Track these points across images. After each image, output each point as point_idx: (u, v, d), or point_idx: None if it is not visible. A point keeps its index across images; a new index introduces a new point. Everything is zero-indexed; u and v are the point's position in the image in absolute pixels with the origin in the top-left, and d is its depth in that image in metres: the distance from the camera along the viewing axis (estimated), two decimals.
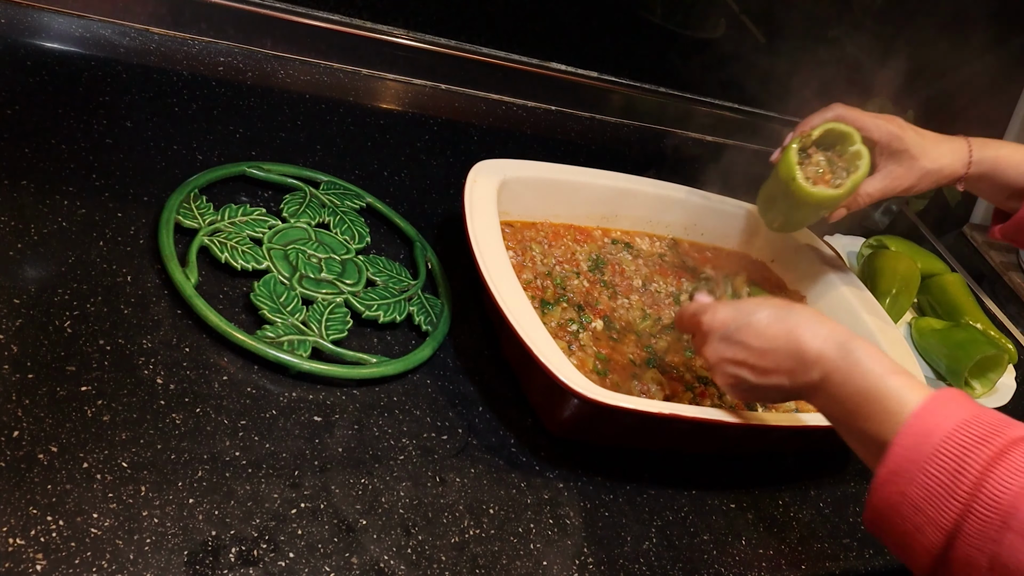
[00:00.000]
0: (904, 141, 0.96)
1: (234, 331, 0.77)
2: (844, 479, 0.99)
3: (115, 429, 0.68)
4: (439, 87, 1.23)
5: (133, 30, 1.04)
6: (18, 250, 0.76)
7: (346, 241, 0.92)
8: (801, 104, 1.11)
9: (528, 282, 0.95)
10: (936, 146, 0.97)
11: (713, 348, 0.77)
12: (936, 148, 0.97)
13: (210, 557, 0.64)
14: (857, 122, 0.96)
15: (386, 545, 0.70)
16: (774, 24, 1.37)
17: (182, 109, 0.99)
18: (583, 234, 1.06)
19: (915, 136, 0.96)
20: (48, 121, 0.89)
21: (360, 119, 1.11)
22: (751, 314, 0.75)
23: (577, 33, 1.31)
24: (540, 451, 0.83)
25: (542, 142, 1.26)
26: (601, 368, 0.90)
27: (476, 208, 0.89)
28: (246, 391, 0.75)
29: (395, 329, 0.87)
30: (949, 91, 1.53)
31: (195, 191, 0.88)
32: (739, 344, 0.74)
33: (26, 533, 0.60)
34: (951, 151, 0.97)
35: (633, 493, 0.84)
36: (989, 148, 0.97)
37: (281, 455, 0.72)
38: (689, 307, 0.82)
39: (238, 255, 0.84)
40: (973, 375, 1.16)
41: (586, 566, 0.76)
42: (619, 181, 1.07)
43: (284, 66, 1.12)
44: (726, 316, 0.77)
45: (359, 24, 1.16)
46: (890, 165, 0.97)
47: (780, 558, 0.86)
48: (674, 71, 1.35)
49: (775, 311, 0.74)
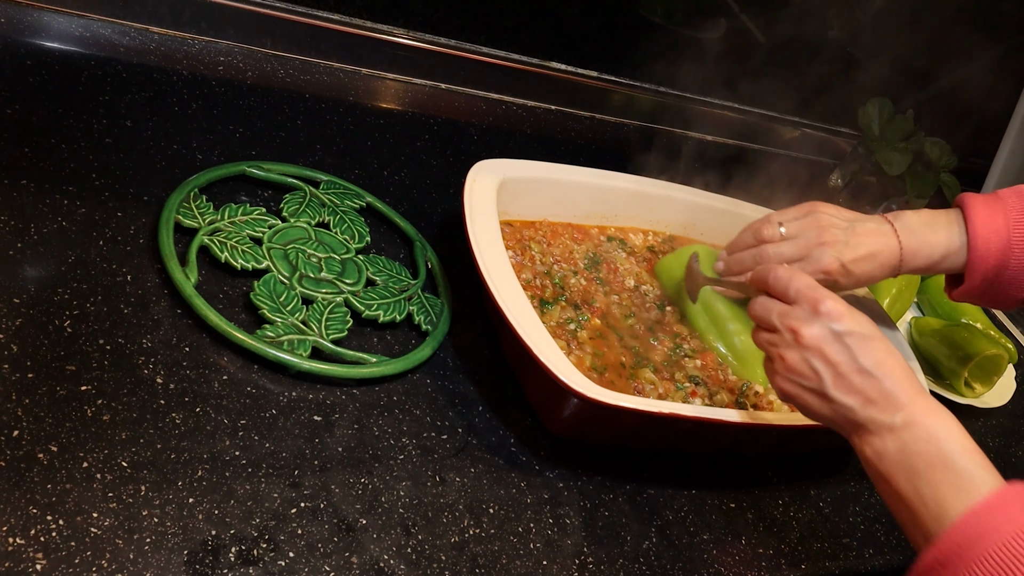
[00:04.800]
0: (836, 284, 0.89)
1: (234, 331, 0.77)
2: (844, 479, 0.99)
3: (115, 428, 0.68)
4: (439, 87, 1.23)
5: (133, 30, 1.04)
6: (18, 250, 0.76)
7: (346, 241, 0.92)
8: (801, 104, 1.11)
9: (527, 281, 0.95)
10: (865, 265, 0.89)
11: (817, 332, 0.70)
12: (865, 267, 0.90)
13: (210, 556, 0.64)
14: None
15: (386, 545, 0.70)
16: (774, 24, 1.37)
17: (182, 109, 0.99)
18: (581, 233, 1.06)
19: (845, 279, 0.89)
20: (48, 121, 0.89)
21: (360, 119, 1.11)
22: (869, 328, 0.70)
23: (577, 33, 1.31)
24: (540, 451, 0.83)
25: (542, 142, 1.26)
26: (600, 366, 0.90)
27: (476, 208, 0.89)
28: (246, 391, 0.75)
29: (395, 329, 0.87)
30: (949, 91, 1.53)
31: (195, 191, 0.88)
32: (844, 347, 0.69)
33: (26, 532, 0.60)
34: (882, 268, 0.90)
35: (633, 493, 0.84)
36: (912, 239, 0.90)
37: (281, 454, 0.72)
38: (799, 275, 0.74)
39: (238, 254, 0.84)
40: (973, 375, 1.16)
41: (586, 566, 0.76)
42: (619, 181, 1.07)
43: (284, 66, 1.12)
44: (844, 312, 0.71)
45: (359, 24, 1.16)
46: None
47: (780, 558, 0.86)
48: (674, 71, 1.35)
49: (888, 343, 0.70)
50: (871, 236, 0.89)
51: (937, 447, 0.65)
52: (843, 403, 0.69)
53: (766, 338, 0.75)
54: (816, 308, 0.71)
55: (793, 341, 0.72)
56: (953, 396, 1.14)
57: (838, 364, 0.69)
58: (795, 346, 0.71)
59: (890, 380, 0.68)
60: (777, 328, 0.73)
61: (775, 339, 0.74)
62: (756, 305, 0.76)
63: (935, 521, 0.62)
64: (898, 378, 0.68)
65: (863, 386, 0.68)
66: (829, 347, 0.70)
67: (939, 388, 1.14)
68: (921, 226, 0.90)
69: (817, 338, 0.70)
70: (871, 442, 0.68)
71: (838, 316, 0.70)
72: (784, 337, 0.72)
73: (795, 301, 0.73)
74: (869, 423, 0.68)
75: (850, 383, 0.69)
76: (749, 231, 0.94)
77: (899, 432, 0.66)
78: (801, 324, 0.71)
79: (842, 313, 0.70)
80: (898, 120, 1.38)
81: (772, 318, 0.74)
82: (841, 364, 0.69)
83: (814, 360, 0.70)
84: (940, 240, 0.90)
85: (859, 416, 0.69)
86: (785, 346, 0.72)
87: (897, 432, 0.66)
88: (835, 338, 0.70)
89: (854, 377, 0.69)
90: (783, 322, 0.73)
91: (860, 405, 0.68)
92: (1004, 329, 1.37)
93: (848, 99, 1.41)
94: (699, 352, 0.97)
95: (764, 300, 0.75)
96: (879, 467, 0.67)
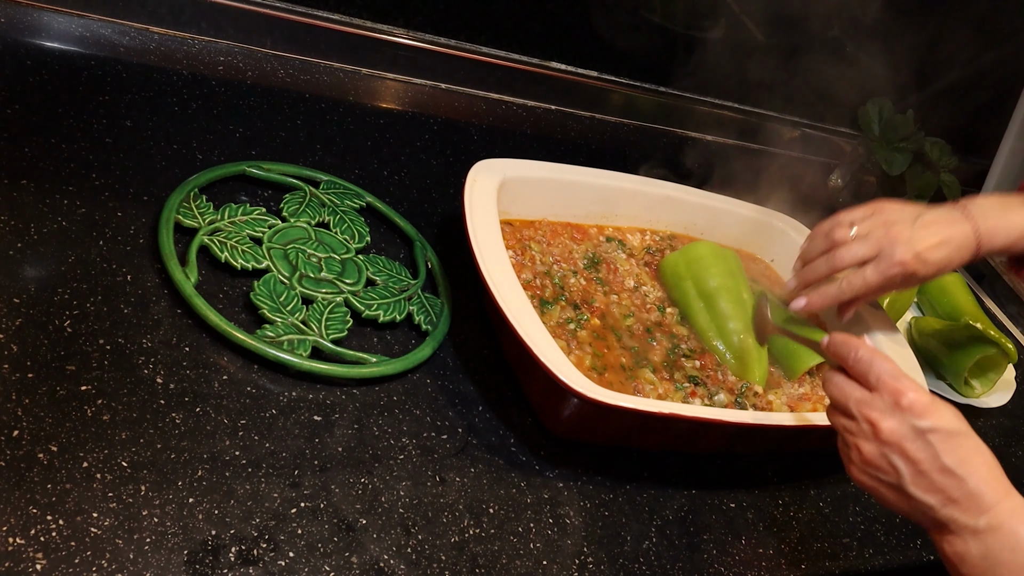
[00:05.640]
0: (915, 276, 0.88)
1: (234, 330, 0.77)
2: (844, 479, 0.99)
3: (115, 428, 0.68)
4: (439, 87, 1.23)
5: (133, 29, 1.04)
6: (18, 250, 0.76)
7: (346, 240, 0.92)
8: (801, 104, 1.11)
9: (527, 281, 0.95)
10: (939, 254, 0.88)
11: (897, 428, 0.67)
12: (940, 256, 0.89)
13: (210, 556, 0.64)
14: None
15: (386, 544, 0.70)
16: (774, 24, 1.37)
17: (182, 108, 0.99)
18: (581, 232, 1.06)
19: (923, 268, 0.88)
20: (48, 121, 0.89)
21: (360, 119, 1.11)
22: (954, 423, 0.67)
23: (577, 33, 1.31)
24: (540, 451, 0.83)
25: (542, 142, 1.26)
26: (599, 367, 0.90)
27: (476, 207, 0.89)
28: (246, 390, 0.75)
29: (395, 328, 0.87)
30: (949, 91, 1.53)
31: (195, 190, 0.88)
32: (926, 444, 0.66)
33: (26, 532, 0.60)
34: (959, 250, 0.88)
35: (633, 493, 0.84)
36: (989, 220, 0.89)
37: (281, 454, 0.72)
38: (881, 358, 0.70)
39: (238, 254, 0.84)
40: (973, 375, 1.16)
41: (586, 566, 0.76)
42: (619, 181, 1.07)
43: (284, 65, 1.12)
44: (928, 406, 0.67)
45: (359, 24, 1.16)
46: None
47: (780, 558, 0.86)
48: (674, 71, 1.35)
49: (976, 440, 0.67)
50: (941, 224, 0.88)
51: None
52: (923, 501, 0.66)
53: (843, 423, 0.71)
54: (898, 401, 0.67)
55: (871, 434, 0.68)
56: (953, 396, 1.14)
57: (919, 462, 0.66)
58: (873, 439, 0.68)
59: (975, 479, 0.65)
60: (855, 416, 0.69)
61: (852, 427, 0.70)
62: (832, 387, 0.72)
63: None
64: (984, 478, 0.65)
65: (945, 485, 0.65)
66: (910, 444, 0.66)
67: (939, 388, 1.15)
68: (996, 208, 0.90)
69: (897, 434, 0.66)
70: (952, 542, 0.65)
71: (921, 411, 0.66)
72: (862, 427, 0.69)
73: (875, 389, 0.69)
74: (951, 523, 0.65)
75: (931, 481, 0.66)
76: (820, 236, 0.93)
77: (983, 536, 0.64)
78: (881, 417, 0.67)
79: (926, 407, 0.66)
80: (898, 120, 1.38)
81: (849, 404, 0.70)
82: (922, 462, 0.66)
83: (893, 456, 0.67)
84: (1019, 220, 0.89)
85: (940, 515, 0.66)
86: (863, 437, 0.69)
87: (981, 536, 0.64)
88: (916, 435, 0.66)
89: (935, 476, 0.65)
90: (861, 411, 0.69)
91: (941, 504, 0.65)
92: (1004, 329, 1.37)
93: (848, 99, 1.41)
94: (698, 352, 0.97)
95: (842, 382, 0.71)
96: (960, 569, 0.65)
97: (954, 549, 0.65)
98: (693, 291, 1.00)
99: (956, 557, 0.65)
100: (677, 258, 1.04)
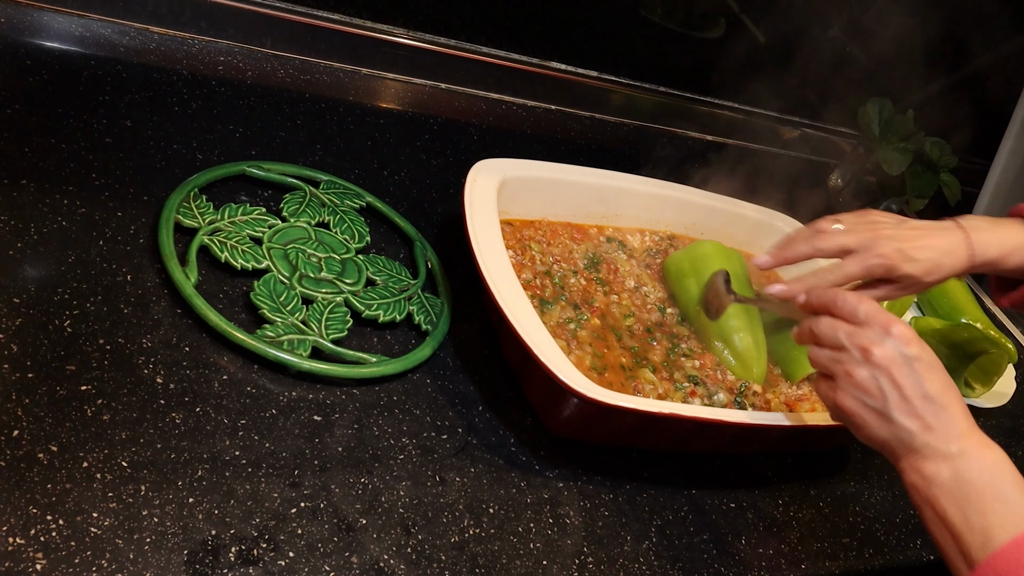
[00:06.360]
0: (898, 272, 0.88)
1: (234, 330, 0.77)
2: (844, 479, 0.99)
3: (115, 428, 0.68)
4: (439, 87, 1.23)
5: (133, 29, 1.04)
6: (18, 250, 0.76)
7: (346, 240, 0.92)
8: (801, 104, 1.11)
9: (527, 281, 0.95)
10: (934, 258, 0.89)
11: (889, 353, 0.71)
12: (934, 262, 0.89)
13: (210, 556, 0.64)
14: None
15: (386, 544, 0.70)
16: (774, 24, 1.37)
17: (182, 108, 0.99)
18: (581, 232, 1.06)
19: (907, 265, 0.88)
20: (48, 121, 0.89)
21: (360, 119, 1.11)
22: (934, 358, 0.72)
23: (577, 33, 1.32)
24: (540, 451, 0.83)
25: (542, 142, 1.26)
26: (600, 367, 0.90)
27: (476, 207, 0.89)
28: (246, 390, 0.75)
29: (395, 328, 0.87)
30: (949, 91, 1.53)
31: (195, 190, 0.88)
32: (912, 371, 0.71)
33: (26, 532, 0.60)
34: (948, 255, 0.89)
35: (633, 493, 0.84)
36: (982, 233, 0.89)
37: (281, 454, 0.72)
38: (867, 299, 0.74)
39: (238, 254, 0.84)
40: (973, 375, 1.16)
41: (586, 566, 0.76)
42: (619, 180, 1.07)
43: (284, 65, 1.12)
44: (913, 338, 0.72)
45: (359, 24, 1.16)
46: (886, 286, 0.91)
47: (780, 558, 0.86)
48: (674, 71, 1.35)
49: (949, 377, 0.72)
50: (929, 228, 0.89)
51: (990, 477, 0.67)
52: (903, 426, 0.70)
53: (829, 355, 0.75)
54: (887, 330, 0.72)
55: (863, 359, 0.72)
56: None
57: (904, 387, 0.70)
58: (865, 364, 0.72)
59: (950, 410, 0.70)
60: (845, 347, 0.73)
61: (841, 356, 0.74)
62: (822, 324, 0.76)
63: (980, 548, 0.64)
64: (957, 410, 0.70)
65: (925, 412, 0.70)
66: (898, 369, 0.71)
67: None
68: (987, 222, 0.91)
69: (888, 359, 0.71)
70: (922, 467, 0.69)
71: (908, 340, 0.71)
72: (852, 355, 0.73)
73: (864, 323, 0.73)
74: (925, 448, 0.69)
75: (913, 407, 0.70)
76: (804, 228, 0.93)
77: (954, 460, 0.68)
78: (872, 343, 0.72)
79: (911, 338, 0.72)
80: (898, 120, 1.38)
81: (839, 335, 0.74)
82: (907, 387, 0.70)
83: (882, 379, 0.71)
84: (1010, 234, 0.90)
85: (916, 441, 0.70)
86: (853, 363, 0.73)
87: (952, 460, 0.68)
88: (904, 361, 0.71)
89: (918, 402, 0.70)
90: (852, 340, 0.73)
91: (920, 430, 0.70)
92: (1004, 329, 1.37)
93: (848, 99, 1.41)
94: (698, 352, 0.97)
95: (830, 319, 0.75)
96: (927, 492, 0.69)
97: (923, 474, 0.69)
98: (695, 289, 1.00)
99: (925, 481, 0.69)
100: (682, 256, 1.04)
